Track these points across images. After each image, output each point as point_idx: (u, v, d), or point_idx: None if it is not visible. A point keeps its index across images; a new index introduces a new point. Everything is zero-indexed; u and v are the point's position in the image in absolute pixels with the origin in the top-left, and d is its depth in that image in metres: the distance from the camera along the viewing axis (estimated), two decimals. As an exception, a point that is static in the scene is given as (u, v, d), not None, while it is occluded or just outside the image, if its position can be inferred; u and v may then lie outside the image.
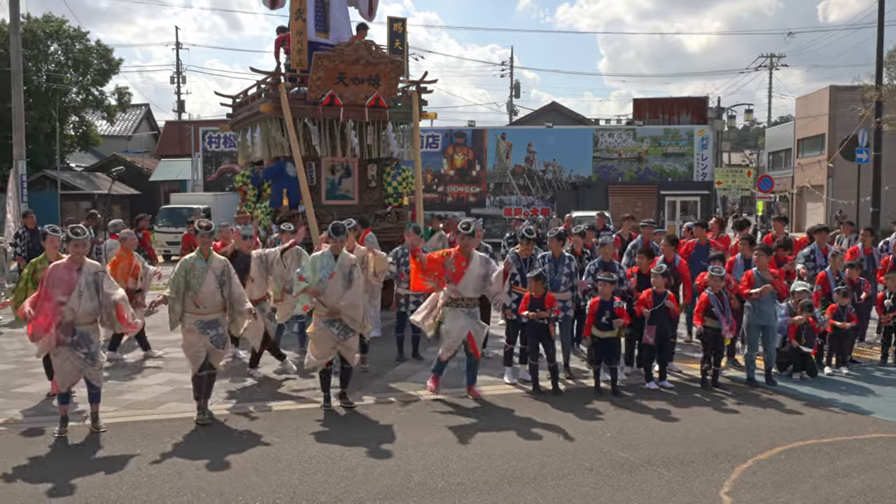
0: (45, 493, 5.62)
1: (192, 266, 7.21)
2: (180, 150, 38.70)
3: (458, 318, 8.05)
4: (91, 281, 6.87)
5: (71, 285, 6.76)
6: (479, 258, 8.18)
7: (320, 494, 5.62)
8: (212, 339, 7.22)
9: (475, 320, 8.21)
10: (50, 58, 34.73)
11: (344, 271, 7.57)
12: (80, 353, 6.83)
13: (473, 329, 8.14)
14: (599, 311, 8.43)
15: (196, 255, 7.31)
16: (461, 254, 8.12)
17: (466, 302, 8.12)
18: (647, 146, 32.09)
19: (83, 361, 6.85)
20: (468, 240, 8.16)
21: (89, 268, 6.93)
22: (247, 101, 14.80)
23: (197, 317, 7.21)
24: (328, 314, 7.56)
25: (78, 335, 6.81)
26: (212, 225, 7.57)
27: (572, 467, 6.19)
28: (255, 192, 14.27)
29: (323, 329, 7.58)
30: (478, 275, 8.08)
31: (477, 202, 31.88)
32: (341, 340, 7.59)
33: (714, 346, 8.79)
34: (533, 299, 8.35)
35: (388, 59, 13.56)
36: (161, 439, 6.80)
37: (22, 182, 21.14)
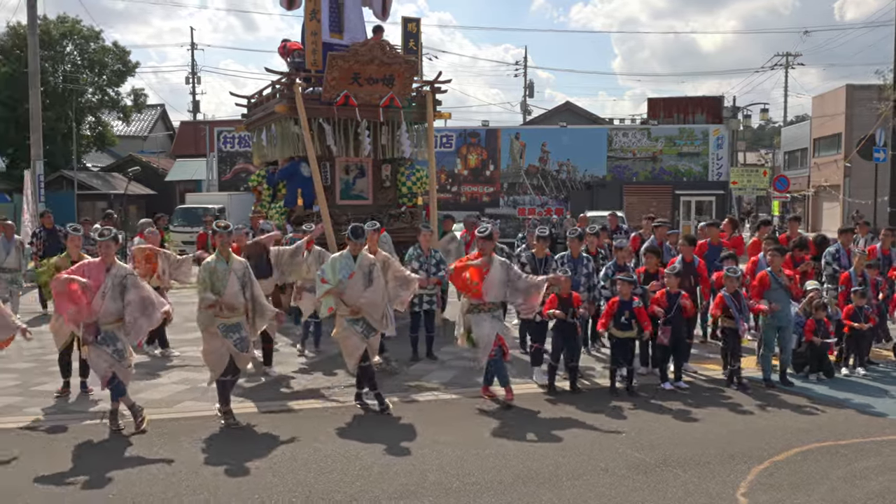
0: (64, 490, 5.67)
1: (214, 269, 7.23)
2: (195, 150, 38.88)
3: (484, 323, 7.89)
4: (118, 283, 6.93)
5: (97, 284, 6.83)
6: (499, 264, 7.99)
7: (336, 493, 5.64)
8: (235, 342, 7.21)
9: (501, 322, 8.13)
10: (66, 58, 34.96)
11: (364, 271, 7.60)
12: (109, 350, 6.90)
13: (501, 330, 8.04)
14: (619, 311, 8.42)
15: (216, 257, 7.33)
16: (484, 259, 7.94)
17: (489, 306, 7.96)
18: (661, 146, 31.95)
19: (111, 357, 6.91)
20: (488, 244, 7.99)
21: (118, 270, 7.00)
22: (262, 102, 14.86)
23: (220, 320, 7.23)
24: (350, 313, 7.59)
25: (103, 334, 6.89)
26: (230, 225, 7.58)
27: (588, 468, 6.18)
28: (270, 191, 14.34)
29: (347, 328, 7.62)
30: (499, 281, 7.89)
31: (491, 202, 31.85)
32: (364, 338, 7.62)
33: (731, 346, 8.76)
34: (561, 299, 8.35)
35: (402, 59, 13.57)
36: (177, 438, 6.85)
37: (39, 182, 21.33)
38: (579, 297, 8.57)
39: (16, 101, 30.10)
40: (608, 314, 8.54)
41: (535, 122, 41.78)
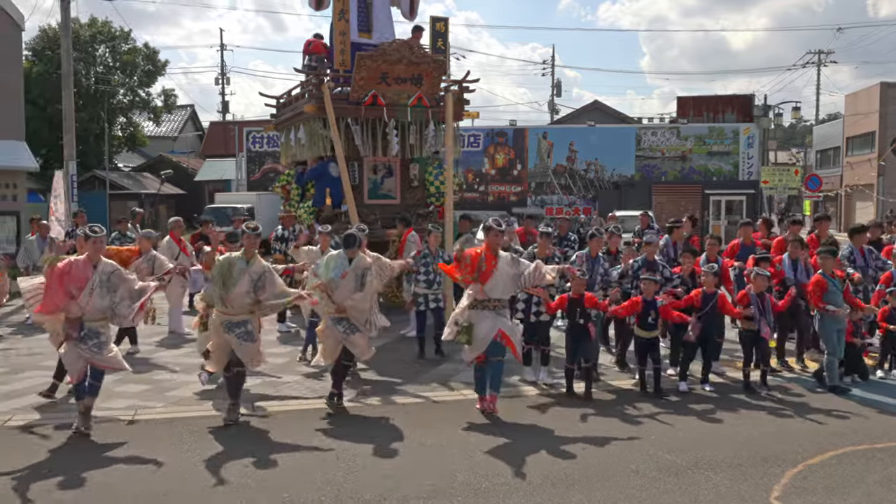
0: (89, 487, 5.73)
1: (232, 265, 7.24)
2: (224, 150, 39.21)
3: (486, 320, 7.51)
4: (105, 280, 7.00)
5: (84, 281, 6.90)
6: (508, 257, 7.68)
7: (365, 492, 5.64)
8: (238, 335, 7.20)
9: (505, 320, 7.68)
10: (98, 60, 35.43)
11: (357, 273, 7.61)
12: (90, 345, 6.93)
13: (505, 327, 7.60)
14: (644, 310, 8.34)
15: (240, 255, 7.35)
16: (490, 252, 7.61)
17: (493, 304, 7.56)
18: (691, 145, 31.64)
19: (90, 350, 6.92)
20: (497, 237, 7.65)
21: (105, 267, 7.07)
22: (290, 102, 14.94)
23: (225, 317, 7.25)
24: (335, 311, 7.59)
25: (86, 330, 6.94)
26: (259, 227, 7.59)
27: (617, 469, 6.13)
28: (299, 191, 14.40)
29: (330, 327, 7.65)
30: (507, 275, 7.55)
31: (518, 201, 31.74)
32: (345, 337, 7.61)
33: (753, 348, 8.63)
34: (572, 299, 8.28)
35: (430, 59, 13.57)
36: (207, 435, 6.90)
37: (73, 182, 21.60)
38: (594, 298, 8.44)
39: (48, 102, 30.55)
40: (631, 313, 8.46)
41: (562, 121, 41.58)
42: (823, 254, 8.90)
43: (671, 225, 11.19)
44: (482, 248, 7.73)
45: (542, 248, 8.95)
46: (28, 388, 8.55)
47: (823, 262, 8.82)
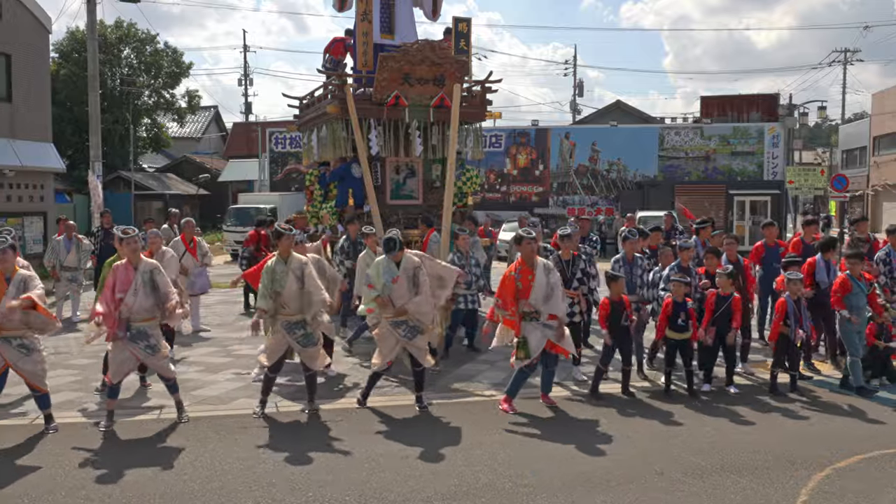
0: (120, 484, 5.79)
1: (273, 270, 7.37)
2: (247, 150, 39.48)
3: (536, 331, 7.61)
4: (147, 279, 7.10)
5: (127, 283, 7.01)
6: (542, 267, 7.70)
7: (388, 492, 5.65)
8: (298, 339, 7.37)
9: (550, 329, 7.68)
10: (123, 62, 35.81)
11: (408, 274, 7.59)
12: (140, 346, 7.06)
13: (553, 336, 7.68)
14: (674, 312, 8.28)
15: (276, 258, 7.46)
16: (525, 265, 7.65)
17: (534, 315, 7.62)
18: (714, 144, 31.40)
19: (143, 352, 7.07)
20: (532, 245, 7.69)
21: (145, 266, 7.17)
22: (313, 103, 15.00)
23: (283, 318, 7.37)
24: (395, 315, 7.59)
25: (134, 331, 7.05)
26: (293, 227, 7.76)
27: (641, 471, 6.09)
28: (322, 192, 14.45)
29: (389, 330, 7.62)
30: (545, 284, 7.61)
31: (540, 202, 31.69)
32: (407, 341, 7.61)
33: (787, 351, 8.55)
34: (613, 303, 8.26)
35: (453, 59, 13.55)
36: (233, 434, 6.95)
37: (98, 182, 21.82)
38: (629, 301, 8.42)
39: (75, 104, 30.92)
40: (664, 316, 8.42)
41: (584, 121, 41.42)
42: (852, 257, 8.81)
43: (699, 225, 11.11)
44: (515, 264, 7.73)
45: (566, 251, 8.92)
46: (56, 387, 8.64)
47: (852, 266, 8.74)
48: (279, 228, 7.55)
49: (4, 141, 19.05)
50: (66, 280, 13.08)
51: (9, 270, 6.87)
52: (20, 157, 19.26)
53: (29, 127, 19.92)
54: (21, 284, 6.83)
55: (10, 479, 5.86)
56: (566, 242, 8.92)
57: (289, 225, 7.72)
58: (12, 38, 19.38)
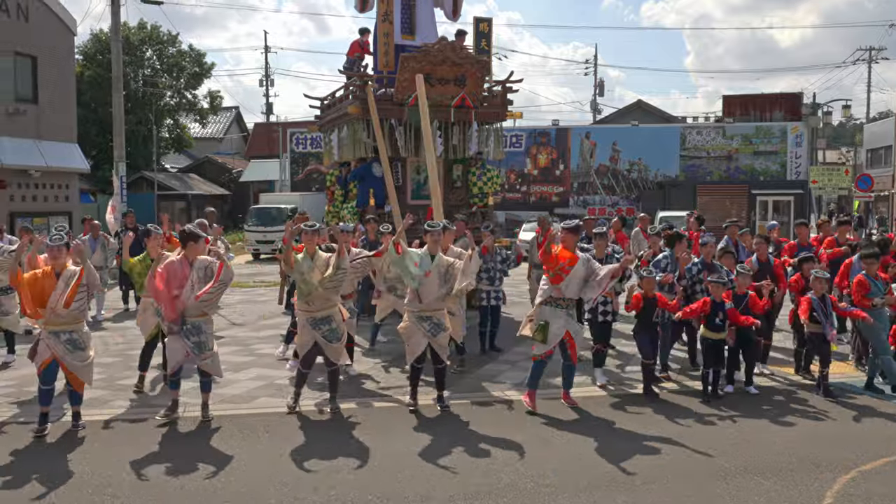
0: (147, 481, 5.86)
1: (301, 265, 7.46)
2: (269, 151, 39.74)
3: (559, 318, 7.61)
4: (202, 275, 7.19)
5: (184, 279, 7.10)
6: (584, 259, 7.66)
7: (410, 491, 5.67)
8: (324, 334, 7.46)
9: (574, 321, 7.80)
10: (146, 63, 36.15)
11: (440, 271, 7.62)
12: (191, 342, 7.16)
13: (573, 329, 7.73)
14: (712, 312, 8.24)
15: (304, 255, 7.54)
16: (569, 251, 7.62)
17: (567, 302, 7.67)
18: (737, 144, 31.18)
19: (192, 349, 7.17)
20: (570, 237, 7.64)
21: (201, 263, 7.27)
22: (334, 103, 15.06)
23: (308, 314, 7.47)
24: (420, 310, 7.62)
25: (189, 325, 7.16)
26: (316, 224, 7.86)
27: (665, 472, 6.06)
28: (343, 192, 14.51)
29: (415, 324, 7.66)
30: (580, 277, 7.57)
31: (560, 202, 31.63)
32: (431, 337, 7.64)
33: (819, 352, 8.47)
34: (646, 299, 8.25)
35: (474, 59, 13.57)
36: (256, 432, 7.00)
37: (122, 183, 22.07)
38: (664, 299, 8.41)
39: (99, 105, 31.25)
40: (698, 314, 8.36)
41: (605, 120, 41.29)
42: (869, 257, 8.76)
43: (729, 224, 11.08)
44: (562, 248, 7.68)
45: (600, 249, 8.91)
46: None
47: (869, 265, 8.70)
48: (304, 227, 7.67)
49: (31, 142, 19.30)
50: (91, 279, 13.21)
51: (60, 266, 7.00)
52: (46, 158, 19.51)
53: (54, 128, 20.17)
54: (71, 279, 6.92)
55: (36, 476, 5.94)
56: (599, 240, 8.96)
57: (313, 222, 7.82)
58: (38, 41, 19.63)
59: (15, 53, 19.00)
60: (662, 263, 9.18)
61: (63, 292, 6.84)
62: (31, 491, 5.68)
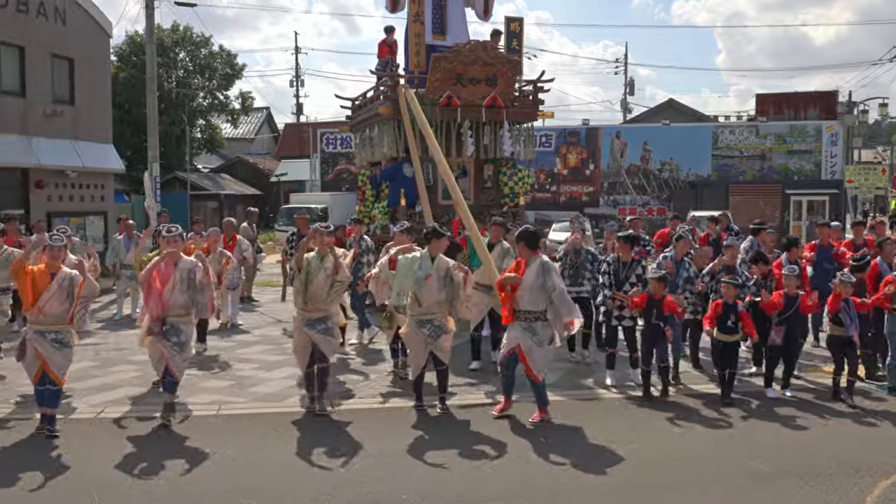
0: (179, 478, 5.92)
1: (310, 263, 7.51)
2: (299, 151, 39.99)
3: (512, 330, 7.29)
4: (185, 276, 7.30)
5: (166, 279, 7.22)
6: (536, 266, 7.19)
7: (446, 491, 5.67)
8: (319, 331, 7.48)
9: (531, 335, 7.17)
10: (179, 65, 36.54)
11: (440, 273, 7.57)
12: (170, 342, 7.22)
13: (524, 343, 7.16)
14: (724, 314, 8.14)
15: (314, 254, 7.61)
16: (524, 263, 7.28)
17: (524, 315, 7.20)
18: (770, 143, 30.77)
19: (171, 349, 7.22)
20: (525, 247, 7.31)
21: (185, 264, 7.39)
22: (365, 104, 15.13)
23: (305, 315, 7.50)
24: (420, 314, 7.56)
25: (168, 326, 7.23)
26: (331, 225, 8.02)
27: (700, 476, 6.00)
28: (374, 192, 14.57)
29: (415, 330, 7.59)
30: (531, 285, 7.13)
31: (590, 202, 31.45)
32: (433, 341, 7.59)
33: (843, 354, 8.33)
34: (651, 300, 8.16)
35: (505, 59, 13.57)
36: (289, 431, 7.05)
37: (156, 183, 22.34)
38: (672, 301, 8.28)
39: (133, 106, 31.66)
40: (712, 320, 8.26)
41: (636, 120, 40.96)
42: None
43: (756, 226, 10.93)
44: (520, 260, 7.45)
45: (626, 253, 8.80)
46: (117, 382, 8.89)
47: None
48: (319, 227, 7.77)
49: (67, 142, 19.59)
50: (125, 278, 13.43)
51: (56, 267, 7.11)
52: (82, 159, 19.79)
53: (90, 129, 20.45)
54: (64, 282, 7.02)
55: (64, 472, 6.04)
56: (624, 243, 8.84)
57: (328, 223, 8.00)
58: (75, 44, 19.92)
59: (52, 56, 19.28)
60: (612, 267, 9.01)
61: (54, 294, 6.92)
62: (57, 486, 5.76)
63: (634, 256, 8.80)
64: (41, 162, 18.52)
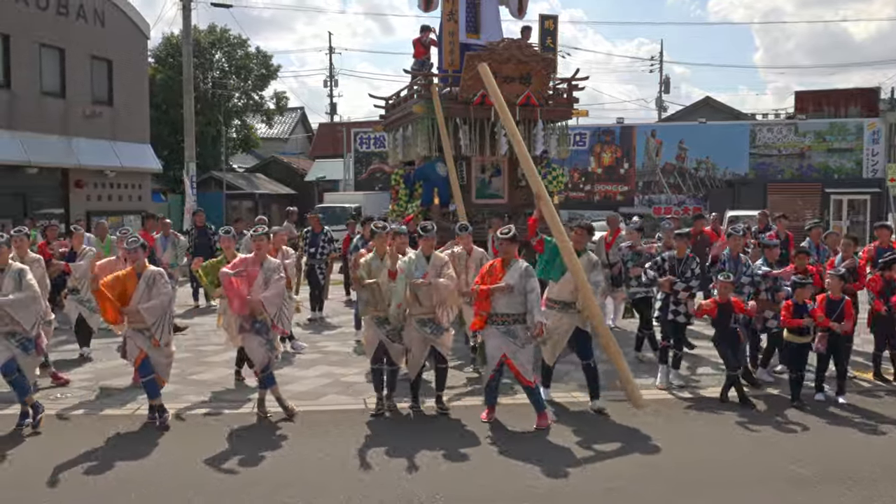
0: (222, 474, 5.96)
1: (368, 265, 7.55)
2: (333, 150, 40.20)
3: (491, 338, 7.20)
4: (269, 277, 7.38)
5: (252, 278, 7.31)
6: (516, 269, 7.12)
7: (475, 491, 5.63)
8: (387, 333, 7.49)
9: (513, 339, 7.10)
10: (215, 65, 36.93)
11: (436, 271, 7.51)
12: (263, 339, 7.35)
13: (508, 348, 7.07)
14: (795, 315, 7.98)
15: (373, 255, 7.64)
16: (501, 264, 7.22)
17: (502, 318, 7.10)
18: (810, 141, 30.24)
19: (265, 346, 7.36)
20: (509, 246, 7.21)
21: (269, 264, 7.49)
22: (399, 103, 15.13)
23: (374, 314, 7.50)
24: (421, 313, 7.48)
25: (259, 324, 7.34)
26: (387, 226, 7.88)
27: (743, 479, 5.88)
28: (407, 191, 14.56)
29: (416, 329, 7.50)
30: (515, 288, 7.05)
31: (625, 201, 31.19)
32: (435, 338, 7.53)
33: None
34: (721, 305, 8.03)
35: (539, 57, 13.46)
36: (325, 428, 7.08)
37: (192, 182, 22.60)
38: (740, 302, 8.16)
39: (170, 107, 32.07)
40: (786, 318, 8.10)
41: (671, 118, 40.52)
42: None
43: (812, 225, 10.74)
44: (494, 261, 7.41)
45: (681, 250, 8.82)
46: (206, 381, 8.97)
47: None
48: (374, 227, 7.76)
49: (106, 143, 19.92)
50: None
51: (141, 267, 7.28)
52: (120, 158, 20.12)
53: (128, 129, 20.78)
54: (150, 280, 7.20)
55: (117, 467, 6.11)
56: (681, 241, 8.94)
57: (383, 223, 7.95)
58: (113, 45, 20.25)
59: (92, 57, 19.62)
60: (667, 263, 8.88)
61: (145, 293, 7.11)
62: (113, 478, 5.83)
63: (690, 254, 8.82)
64: (81, 162, 18.85)
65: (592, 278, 7.66)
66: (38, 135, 17.81)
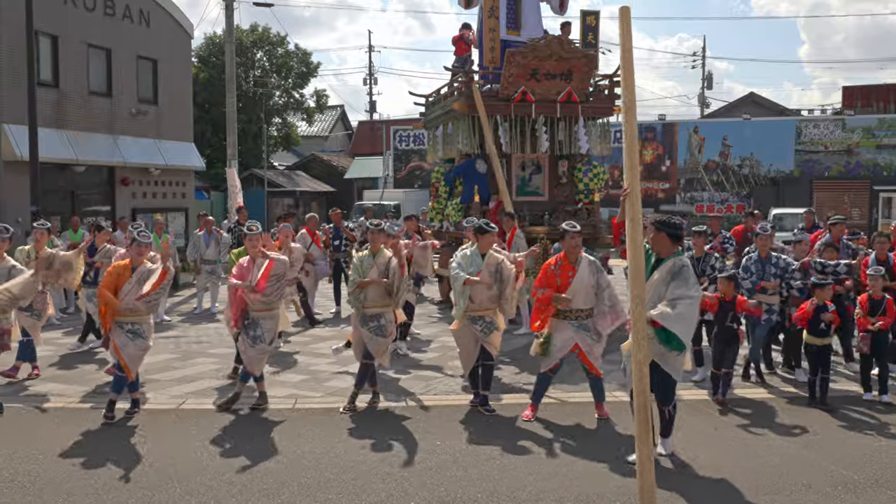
0: (256, 470, 6.01)
1: (363, 261, 7.69)
2: (372, 148, 40.40)
3: (565, 330, 7.18)
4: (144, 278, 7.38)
5: (246, 276, 7.48)
6: (587, 264, 7.19)
7: (520, 491, 5.60)
8: (371, 329, 7.56)
9: (587, 332, 7.21)
10: (256, 64, 37.33)
11: (490, 269, 7.50)
12: (248, 336, 7.49)
13: (583, 341, 7.18)
14: (815, 316, 7.81)
15: (367, 251, 7.80)
16: (566, 261, 7.21)
17: (576, 314, 7.16)
18: (858, 137, 29.56)
19: (246, 343, 7.49)
20: (574, 241, 7.22)
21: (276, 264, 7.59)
22: (439, 100, 15.14)
23: (363, 309, 7.61)
24: (472, 310, 7.48)
25: (250, 320, 7.53)
26: (381, 223, 8.09)
27: (787, 482, 5.77)
28: (447, 189, 14.57)
29: (466, 326, 7.52)
30: (588, 284, 7.13)
31: (667, 199, 30.82)
32: (483, 337, 7.52)
33: None
34: (723, 302, 7.89)
35: (580, 54, 13.37)
36: (361, 425, 7.10)
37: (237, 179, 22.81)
38: (743, 301, 7.97)
39: (212, 105, 32.50)
40: (805, 318, 7.94)
41: (714, 115, 39.95)
42: None
43: (835, 221, 10.49)
44: (556, 258, 7.35)
45: (699, 248, 8.66)
46: (198, 374, 9.11)
47: None
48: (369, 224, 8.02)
49: (151, 141, 20.23)
50: (205, 272, 13.81)
51: (139, 262, 7.41)
52: (165, 157, 20.42)
53: (173, 128, 21.08)
54: (143, 275, 7.30)
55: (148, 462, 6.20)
56: (698, 238, 8.93)
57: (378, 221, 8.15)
58: (158, 45, 20.55)
59: (137, 57, 19.94)
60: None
61: (135, 287, 7.20)
62: (143, 472, 5.92)
63: (708, 250, 8.78)
64: (126, 160, 19.17)
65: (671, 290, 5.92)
66: (86, 133, 18.16)
